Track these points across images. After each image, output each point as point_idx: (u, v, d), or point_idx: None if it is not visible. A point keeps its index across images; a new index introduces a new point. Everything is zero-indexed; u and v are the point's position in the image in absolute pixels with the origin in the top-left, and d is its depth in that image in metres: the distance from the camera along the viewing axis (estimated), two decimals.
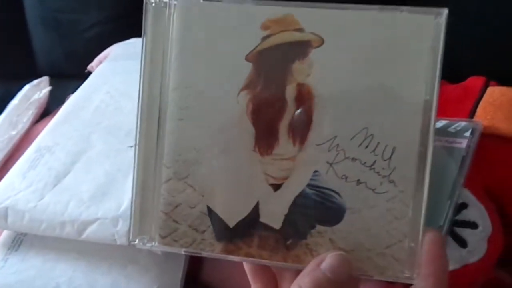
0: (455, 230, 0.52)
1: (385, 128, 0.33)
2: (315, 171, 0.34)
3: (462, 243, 0.51)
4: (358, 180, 0.34)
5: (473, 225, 0.52)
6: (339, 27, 0.34)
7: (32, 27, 1.05)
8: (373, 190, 0.34)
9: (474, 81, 0.64)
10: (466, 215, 0.52)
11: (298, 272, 0.34)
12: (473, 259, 0.51)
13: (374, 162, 0.33)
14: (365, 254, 0.34)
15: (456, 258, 0.51)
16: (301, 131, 0.34)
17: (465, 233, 0.52)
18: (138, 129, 0.36)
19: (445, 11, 0.33)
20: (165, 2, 0.36)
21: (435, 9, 0.33)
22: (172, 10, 0.35)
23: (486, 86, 0.62)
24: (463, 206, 0.53)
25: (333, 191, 0.34)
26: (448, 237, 0.51)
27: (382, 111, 0.33)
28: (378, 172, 0.33)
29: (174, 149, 0.36)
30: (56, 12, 1.01)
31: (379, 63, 0.33)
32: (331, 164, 0.34)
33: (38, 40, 1.05)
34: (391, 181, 0.33)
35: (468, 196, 0.53)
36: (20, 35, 1.05)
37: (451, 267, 0.51)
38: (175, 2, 0.35)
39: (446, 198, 0.51)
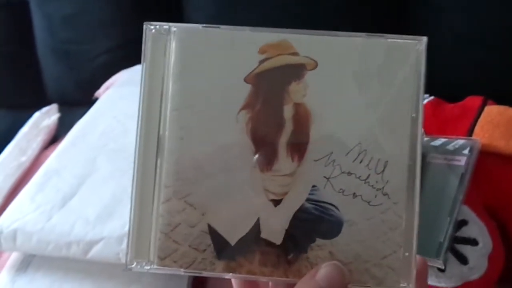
0: (456, 246, 0.51)
1: (377, 144, 0.34)
2: (314, 186, 0.34)
3: (463, 259, 0.51)
4: (354, 193, 0.34)
5: (473, 242, 0.52)
6: (331, 51, 0.35)
7: (42, 58, 1.06)
8: (368, 202, 0.34)
9: (472, 101, 0.64)
10: (466, 231, 0.52)
11: (292, 286, 0.34)
12: (474, 276, 0.51)
13: (369, 175, 0.34)
14: (363, 266, 0.34)
15: (457, 275, 0.50)
16: (299, 148, 0.35)
17: (466, 249, 0.51)
18: (136, 150, 0.36)
19: (424, 39, 0.34)
20: (165, 29, 0.36)
21: (416, 37, 0.35)
22: (171, 36, 0.36)
23: (484, 105, 0.62)
24: (463, 223, 0.52)
25: (331, 204, 0.34)
26: (449, 253, 0.50)
27: (373, 128, 0.34)
28: (372, 185, 0.34)
29: (174, 168, 0.35)
30: (65, 43, 1.02)
31: (368, 84, 0.35)
32: (328, 179, 0.34)
33: (48, 70, 1.07)
34: (385, 194, 0.34)
35: (468, 213, 0.53)
36: (31, 66, 1.07)
37: (453, 284, 0.50)
38: (175, 29, 0.36)
39: (446, 215, 0.51)
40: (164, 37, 0.36)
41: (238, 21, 0.36)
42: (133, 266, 0.35)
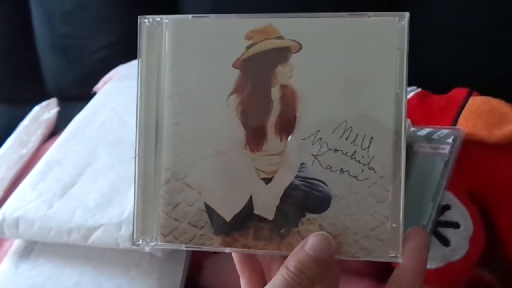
0: (439, 230, 0.52)
1: (362, 120, 0.35)
2: (302, 163, 0.36)
3: (445, 242, 0.52)
4: (341, 169, 0.35)
5: (455, 225, 0.53)
6: (314, 33, 0.36)
7: (41, 53, 1.07)
8: (355, 177, 0.35)
9: (458, 92, 0.65)
10: (449, 215, 0.53)
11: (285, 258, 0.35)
12: (456, 257, 0.52)
13: (355, 151, 0.35)
14: (352, 238, 0.35)
15: (440, 256, 0.52)
16: (287, 128, 0.36)
17: (448, 232, 0.52)
18: (137, 137, 0.38)
19: (406, 14, 0.35)
20: (158, 21, 0.38)
21: (398, 13, 0.35)
22: (164, 28, 0.38)
23: (468, 96, 0.63)
24: (446, 207, 0.54)
25: (319, 180, 0.35)
26: (432, 236, 0.52)
27: (358, 105, 0.35)
28: (358, 161, 0.35)
29: (172, 152, 0.37)
30: (64, 38, 1.03)
31: (352, 63, 0.36)
32: (315, 156, 0.36)
33: (48, 65, 1.07)
34: (371, 168, 0.35)
35: (451, 198, 0.54)
36: (30, 61, 1.08)
37: (435, 265, 0.52)
38: (167, 21, 0.38)
39: (430, 200, 0.52)
40: (157, 29, 0.38)
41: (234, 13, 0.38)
42: (139, 242, 0.38)
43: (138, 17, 0.38)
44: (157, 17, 0.38)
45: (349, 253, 0.35)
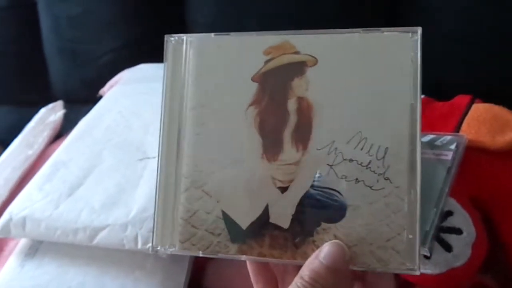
0: (441, 235, 0.52)
1: (377, 131, 0.35)
2: (318, 173, 0.36)
3: (448, 247, 0.51)
4: (357, 179, 0.35)
5: (458, 231, 0.52)
6: (329, 48, 0.37)
7: (49, 57, 1.06)
8: (370, 187, 0.35)
9: (461, 99, 0.65)
10: (452, 221, 0.53)
11: (300, 268, 0.34)
12: (458, 263, 0.51)
13: (370, 162, 0.35)
14: (368, 248, 0.35)
15: (442, 262, 0.51)
16: (302, 138, 0.36)
17: (451, 238, 0.52)
18: (160, 146, 0.39)
19: (419, 29, 0.35)
20: (183, 39, 0.39)
21: (410, 28, 0.36)
22: (188, 45, 0.39)
23: (471, 103, 0.63)
24: (449, 213, 0.53)
25: (334, 190, 0.35)
26: (434, 242, 0.51)
27: (373, 116, 0.35)
28: (374, 171, 0.35)
29: (192, 161, 0.38)
30: (71, 42, 1.02)
31: (367, 76, 0.36)
32: (331, 166, 0.35)
33: (55, 69, 1.06)
34: (387, 178, 0.34)
35: (454, 204, 0.54)
36: (38, 64, 1.06)
37: (437, 270, 0.51)
38: (191, 39, 0.39)
39: (433, 206, 0.51)
40: (182, 47, 0.39)
41: (238, 20, 0.38)
42: (158, 249, 0.38)
43: (165, 36, 0.39)
44: (182, 36, 0.39)
45: (365, 264, 0.35)
